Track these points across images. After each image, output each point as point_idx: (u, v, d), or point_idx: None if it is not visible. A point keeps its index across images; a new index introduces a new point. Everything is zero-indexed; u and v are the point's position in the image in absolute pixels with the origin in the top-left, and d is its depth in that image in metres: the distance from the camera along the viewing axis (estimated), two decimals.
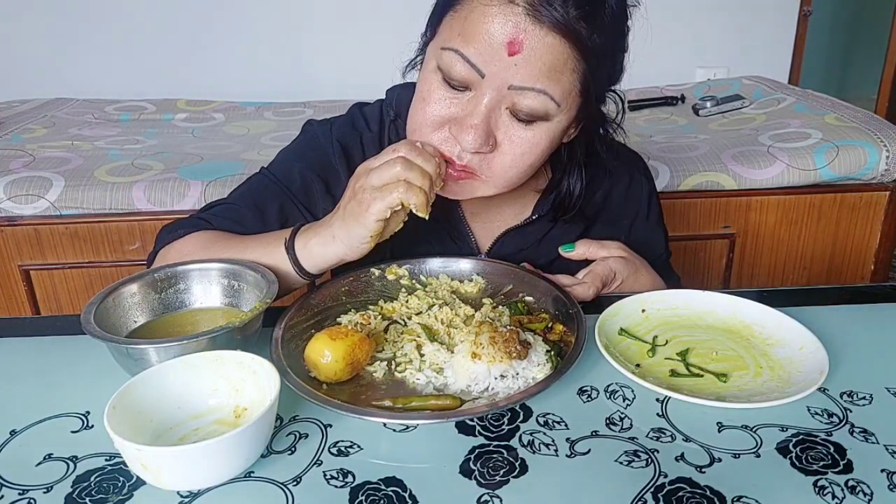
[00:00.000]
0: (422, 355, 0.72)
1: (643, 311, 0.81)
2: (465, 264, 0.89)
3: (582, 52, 0.72)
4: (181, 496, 0.55)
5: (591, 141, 0.90)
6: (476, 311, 0.80)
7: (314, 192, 0.92)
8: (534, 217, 0.94)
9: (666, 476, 0.57)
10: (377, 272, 0.87)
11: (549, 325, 0.76)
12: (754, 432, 0.62)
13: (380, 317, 0.78)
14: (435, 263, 0.89)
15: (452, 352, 0.71)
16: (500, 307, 0.80)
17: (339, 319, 0.78)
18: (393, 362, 0.72)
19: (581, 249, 0.90)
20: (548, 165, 0.93)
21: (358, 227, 0.74)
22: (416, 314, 0.78)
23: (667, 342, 0.77)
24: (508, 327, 0.71)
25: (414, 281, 0.87)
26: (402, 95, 0.92)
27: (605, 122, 0.89)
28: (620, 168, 0.99)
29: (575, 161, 0.90)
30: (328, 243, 0.77)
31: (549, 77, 0.72)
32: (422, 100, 0.77)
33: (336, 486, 0.56)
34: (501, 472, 0.57)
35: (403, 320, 0.78)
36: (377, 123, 0.94)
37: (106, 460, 0.59)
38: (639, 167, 1.03)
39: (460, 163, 0.77)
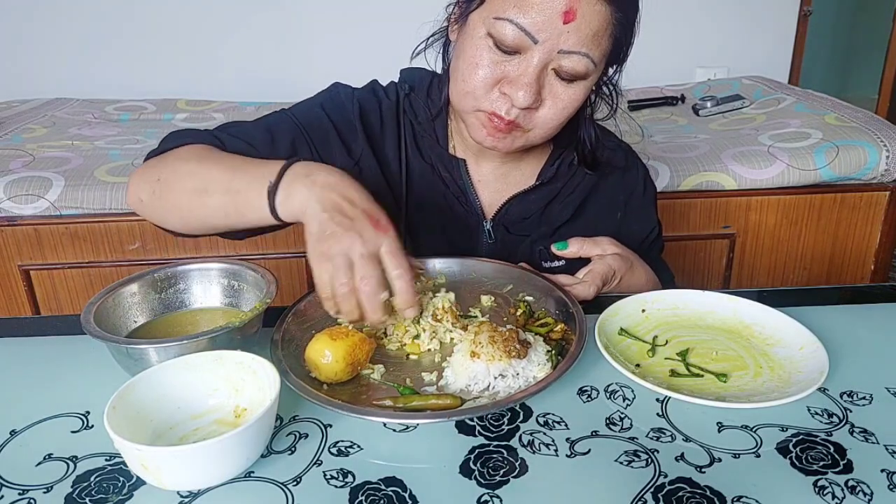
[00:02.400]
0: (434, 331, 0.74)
1: (643, 311, 0.81)
2: (464, 264, 0.89)
3: (620, 19, 0.80)
4: (181, 496, 0.55)
5: (594, 101, 0.96)
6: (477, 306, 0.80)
7: (328, 134, 0.95)
8: (537, 183, 0.99)
9: (666, 476, 0.57)
10: None
11: (552, 328, 0.76)
12: (754, 432, 0.62)
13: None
14: (434, 264, 0.89)
15: (452, 350, 0.72)
16: (514, 302, 0.82)
17: (338, 320, 0.78)
18: (403, 339, 0.74)
19: (574, 248, 0.92)
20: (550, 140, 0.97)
21: (327, 227, 0.69)
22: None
23: (667, 342, 0.77)
24: (508, 326, 0.71)
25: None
26: (414, 73, 1.00)
27: (606, 84, 0.94)
28: (618, 150, 1.05)
29: (587, 117, 0.97)
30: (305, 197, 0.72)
31: (593, 42, 0.79)
32: (474, 65, 0.83)
33: (336, 486, 0.56)
34: (501, 472, 0.57)
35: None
36: (394, 95, 1.00)
37: (106, 460, 0.59)
38: (632, 152, 1.09)
39: (508, 118, 0.83)
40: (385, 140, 0.97)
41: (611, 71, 0.89)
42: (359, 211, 0.69)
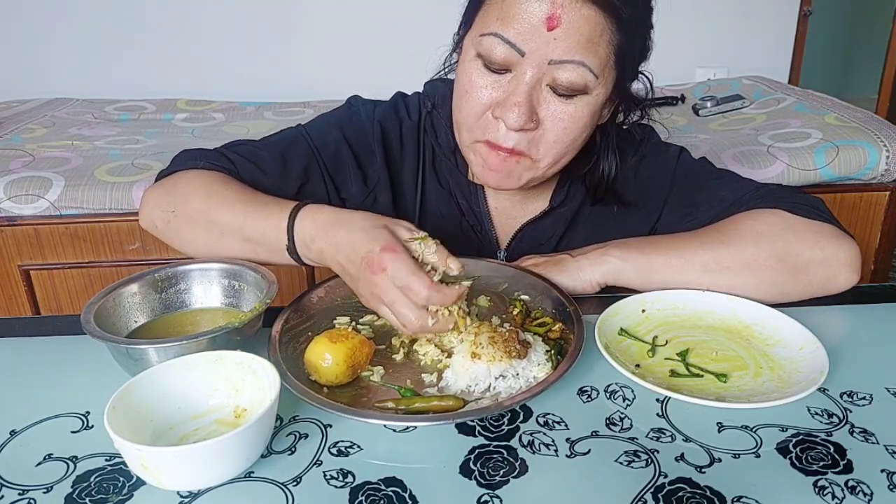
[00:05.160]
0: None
1: (643, 311, 0.81)
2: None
3: (616, 23, 0.74)
4: (181, 496, 0.55)
5: (623, 124, 0.91)
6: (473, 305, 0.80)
7: (344, 162, 0.92)
8: (548, 208, 0.94)
9: (666, 476, 0.57)
10: None
11: (550, 327, 0.76)
12: (754, 432, 0.62)
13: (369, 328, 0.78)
14: None
15: (450, 355, 0.72)
16: (510, 301, 0.81)
17: (335, 322, 0.78)
18: (407, 339, 0.75)
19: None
20: None
21: (356, 286, 0.73)
22: None
23: (667, 342, 0.77)
24: (507, 326, 0.71)
25: None
26: (439, 88, 0.95)
27: (637, 103, 0.89)
28: (632, 183, 0.96)
29: (609, 144, 0.90)
30: (327, 252, 0.75)
31: (587, 49, 0.74)
32: (464, 91, 0.79)
33: (336, 487, 0.56)
34: (501, 472, 0.57)
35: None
36: (416, 114, 0.96)
37: (106, 460, 0.59)
38: (651, 140, 0.98)
39: (507, 146, 0.78)
40: (403, 163, 0.94)
41: (632, 86, 0.84)
42: (361, 264, 0.70)
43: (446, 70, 0.91)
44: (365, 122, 0.94)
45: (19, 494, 0.56)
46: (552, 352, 0.71)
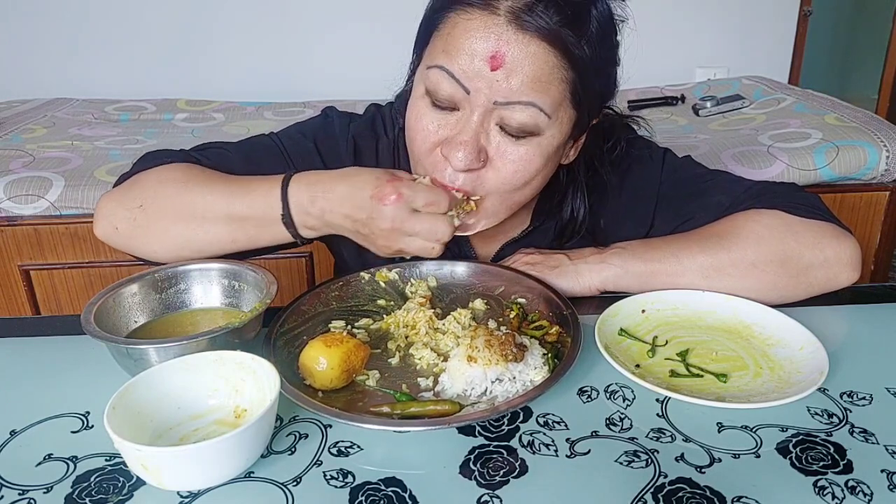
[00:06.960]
0: (435, 329, 0.75)
1: (643, 311, 0.81)
2: (456, 268, 0.88)
3: (569, 61, 0.71)
4: (181, 496, 0.55)
5: (592, 163, 0.88)
6: (467, 309, 0.80)
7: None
8: (530, 228, 0.93)
9: (666, 476, 0.57)
10: (367, 276, 0.86)
11: (547, 330, 0.76)
12: (754, 432, 0.62)
13: (365, 332, 0.78)
14: (425, 267, 0.88)
15: (446, 358, 0.71)
16: (507, 305, 0.81)
17: (330, 326, 0.78)
18: (403, 343, 0.75)
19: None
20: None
21: (370, 231, 0.74)
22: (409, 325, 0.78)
23: (667, 342, 0.77)
24: (503, 330, 0.71)
25: (405, 285, 0.86)
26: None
27: (605, 141, 0.87)
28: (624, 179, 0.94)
29: (576, 184, 0.89)
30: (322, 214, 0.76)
31: (536, 88, 0.70)
32: (410, 128, 0.78)
33: (336, 487, 0.56)
34: (501, 472, 0.57)
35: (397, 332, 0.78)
36: (392, 130, 0.93)
37: (106, 460, 0.59)
38: (634, 144, 0.95)
39: (453, 185, 0.75)
40: None
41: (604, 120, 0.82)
42: (371, 203, 0.72)
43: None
44: (339, 136, 0.91)
45: (19, 494, 0.56)
46: (549, 355, 0.70)
